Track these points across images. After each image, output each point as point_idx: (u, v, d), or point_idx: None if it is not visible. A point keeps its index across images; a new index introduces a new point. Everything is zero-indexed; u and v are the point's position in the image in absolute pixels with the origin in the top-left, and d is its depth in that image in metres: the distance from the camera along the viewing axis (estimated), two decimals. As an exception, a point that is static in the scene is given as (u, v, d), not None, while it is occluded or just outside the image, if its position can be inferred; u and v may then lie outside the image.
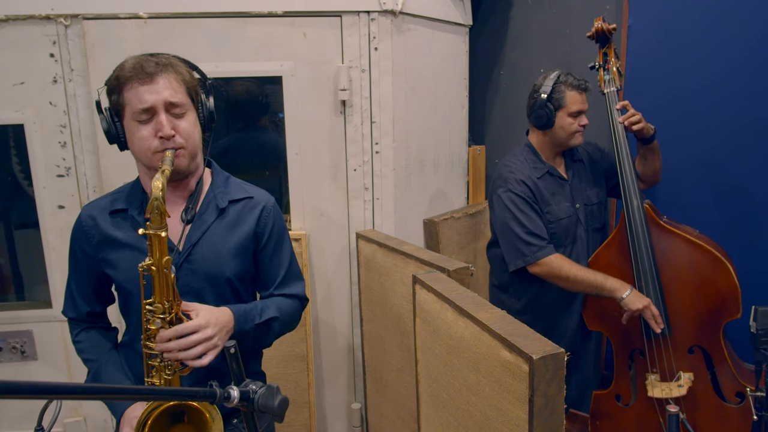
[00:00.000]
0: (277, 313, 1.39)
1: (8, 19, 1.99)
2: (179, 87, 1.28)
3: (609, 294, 1.97)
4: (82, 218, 1.39)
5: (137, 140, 1.27)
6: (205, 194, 1.39)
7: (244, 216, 1.41)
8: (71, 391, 0.73)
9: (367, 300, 2.28)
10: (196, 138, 1.32)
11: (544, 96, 2.04)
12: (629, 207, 2.00)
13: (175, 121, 1.26)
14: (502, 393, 1.20)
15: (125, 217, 1.36)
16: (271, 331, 1.40)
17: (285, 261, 1.47)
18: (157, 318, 1.19)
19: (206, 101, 1.37)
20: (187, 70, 1.33)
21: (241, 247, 1.39)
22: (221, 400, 0.92)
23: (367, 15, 2.16)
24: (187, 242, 1.34)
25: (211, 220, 1.37)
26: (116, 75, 1.26)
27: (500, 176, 2.13)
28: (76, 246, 1.40)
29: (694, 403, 2.00)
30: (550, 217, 2.09)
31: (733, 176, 2.25)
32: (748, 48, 2.15)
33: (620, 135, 2.03)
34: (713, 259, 1.94)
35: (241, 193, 1.43)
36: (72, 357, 2.23)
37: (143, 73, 1.23)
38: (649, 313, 1.94)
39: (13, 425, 2.26)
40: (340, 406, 2.50)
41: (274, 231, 1.44)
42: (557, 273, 2.00)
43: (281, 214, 1.49)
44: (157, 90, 1.23)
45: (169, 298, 1.19)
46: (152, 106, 1.23)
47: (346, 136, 2.25)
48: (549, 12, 2.73)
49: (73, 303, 1.44)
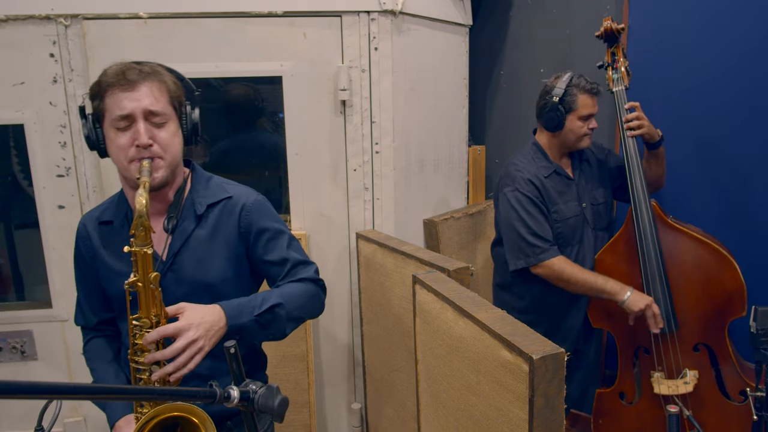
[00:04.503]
0: (280, 300, 1.31)
1: (8, 19, 1.99)
2: (161, 96, 1.25)
3: (609, 297, 1.98)
4: (79, 229, 1.40)
5: (115, 148, 1.25)
6: (185, 200, 1.36)
7: (224, 218, 1.37)
8: (71, 391, 0.73)
9: (367, 300, 2.28)
10: (176, 149, 1.29)
11: (556, 99, 2.04)
12: (637, 205, 2.01)
13: (154, 130, 1.24)
14: (502, 393, 1.20)
15: (112, 229, 1.36)
16: (278, 318, 1.31)
17: (283, 252, 1.41)
18: (145, 332, 1.19)
19: (191, 113, 1.34)
20: (172, 79, 1.31)
21: (226, 251, 1.36)
22: (221, 400, 0.92)
23: (367, 15, 2.16)
24: (170, 252, 1.33)
25: (191, 227, 1.34)
26: (99, 80, 1.24)
27: (507, 174, 2.12)
28: (77, 255, 1.42)
29: (698, 401, 2.01)
30: (557, 217, 2.09)
31: (733, 176, 2.25)
32: (748, 48, 2.14)
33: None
34: (720, 257, 1.94)
35: (221, 194, 1.39)
36: (72, 357, 2.23)
37: (125, 79, 1.21)
38: (650, 313, 1.94)
39: (13, 425, 2.26)
40: (340, 406, 2.50)
41: (261, 226, 1.39)
42: (558, 275, 2.01)
43: (268, 207, 1.43)
44: (137, 97, 1.21)
45: (156, 312, 1.19)
46: (131, 113, 1.21)
47: (346, 136, 2.25)
48: (549, 12, 2.73)
49: (82, 312, 1.46)
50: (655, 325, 1.95)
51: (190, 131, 1.34)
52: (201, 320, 1.19)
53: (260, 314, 1.28)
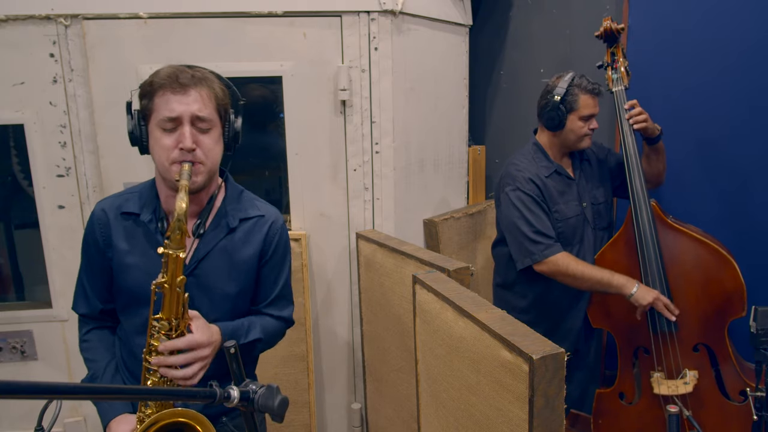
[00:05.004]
0: (261, 335, 1.40)
1: (8, 19, 1.99)
2: (209, 102, 1.28)
3: (617, 290, 1.98)
4: (95, 213, 1.39)
5: (158, 147, 1.27)
6: (218, 209, 1.39)
7: (253, 235, 1.41)
8: (71, 391, 0.73)
9: (367, 300, 2.28)
10: (216, 155, 1.32)
11: (557, 98, 2.04)
12: (636, 204, 2.01)
13: (198, 135, 1.26)
14: (502, 393, 1.20)
15: (137, 222, 1.36)
16: (253, 349, 1.41)
17: (281, 280, 1.48)
18: (162, 335, 1.20)
19: (234, 121, 1.37)
20: (221, 86, 1.33)
21: (246, 264, 1.40)
22: (221, 400, 0.92)
23: (367, 15, 2.16)
24: (194, 256, 1.34)
25: (221, 236, 1.37)
26: (151, 80, 1.27)
27: (508, 174, 2.13)
28: (89, 240, 1.39)
29: (698, 401, 2.01)
30: (558, 216, 2.10)
31: (732, 176, 2.25)
32: (748, 47, 2.15)
33: (628, 133, 2.04)
34: (720, 257, 1.94)
35: (254, 210, 1.43)
36: (72, 357, 2.23)
37: (177, 82, 1.24)
38: (661, 304, 1.94)
39: (13, 425, 2.26)
40: (340, 406, 2.50)
41: (278, 248, 1.45)
42: (564, 271, 2.00)
43: (287, 233, 1.49)
44: (187, 102, 1.24)
45: (177, 315, 1.20)
46: (179, 116, 1.24)
47: (346, 136, 2.25)
48: (549, 12, 2.73)
49: (86, 299, 1.43)
50: (671, 313, 1.95)
51: (231, 139, 1.37)
52: (210, 339, 1.25)
53: (244, 344, 1.35)
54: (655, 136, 2.07)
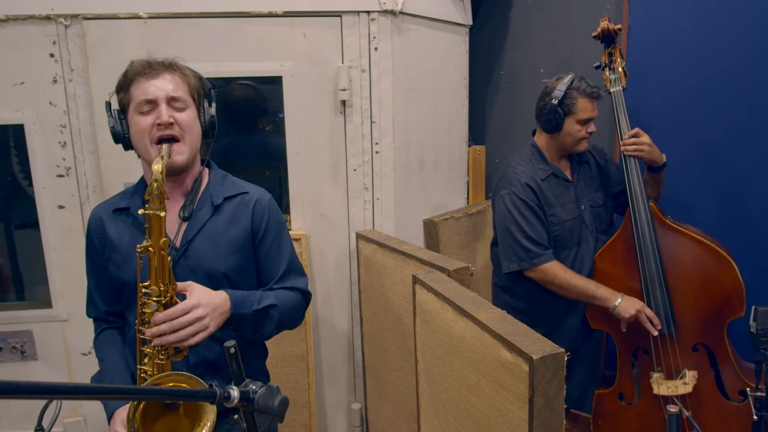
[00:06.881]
0: (275, 301, 1.38)
1: (8, 19, 1.99)
2: (182, 84, 1.34)
3: (600, 303, 2.00)
4: (91, 219, 1.43)
5: (138, 132, 1.30)
6: (202, 192, 1.42)
7: (239, 211, 1.42)
8: (71, 391, 0.73)
9: (367, 300, 2.28)
10: (196, 133, 1.36)
11: (555, 101, 2.02)
12: (635, 205, 2.01)
13: (175, 113, 1.31)
14: (502, 393, 1.20)
15: (128, 215, 1.40)
16: (270, 318, 1.37)
17: (284, 257, 1.48)
18: (152, 301, 1.21)
19: (208, 108, 1.41)
20: (191, 73, 1.39)
21: (238, 242, 1.40)
22: (221, 400, 0.92)
23: (367, 15, 2.16)
24: (184, 239, 1.36)
25: (207, 216, 1.39)
26: (125, 73, 1.32)
27: (504, 177, 2.12)
28: (89, 246, 1.44)
29: (698, 402, 2.01)
30: (554, 219, 2.09)
31: (732, 176, 2.25)
32: (748, 47, 2.15)
33: (625, 134, 2.03)
34: (719, 258, 1.94)
35: (237, 189, 1.45)
36: (72, 357, 2.23)
37: (149, 68, 1.31)
38: (644, 317, 1.95)
39: (13, 425, 2.26)
40: (340, 406, 2.50)
41: (270, 226, 1.45)
42: (551, 280, 2.03)
43: (278, 210, 1.50)
44: (160, 84, 1.30)
45: (165, 281, 1.21)
46: (155, 98, 1.29)
47: (346, 136, 2.25)
48: (549, 12, 2.73)
49: (93, 303, 1.48)
50: (653, 327, 1.95)
51: (207, 125, 1.41)
52: (209, 300, 1.24)
53: (258, 310, 1.34)
54: (658, 165, 2.05)
